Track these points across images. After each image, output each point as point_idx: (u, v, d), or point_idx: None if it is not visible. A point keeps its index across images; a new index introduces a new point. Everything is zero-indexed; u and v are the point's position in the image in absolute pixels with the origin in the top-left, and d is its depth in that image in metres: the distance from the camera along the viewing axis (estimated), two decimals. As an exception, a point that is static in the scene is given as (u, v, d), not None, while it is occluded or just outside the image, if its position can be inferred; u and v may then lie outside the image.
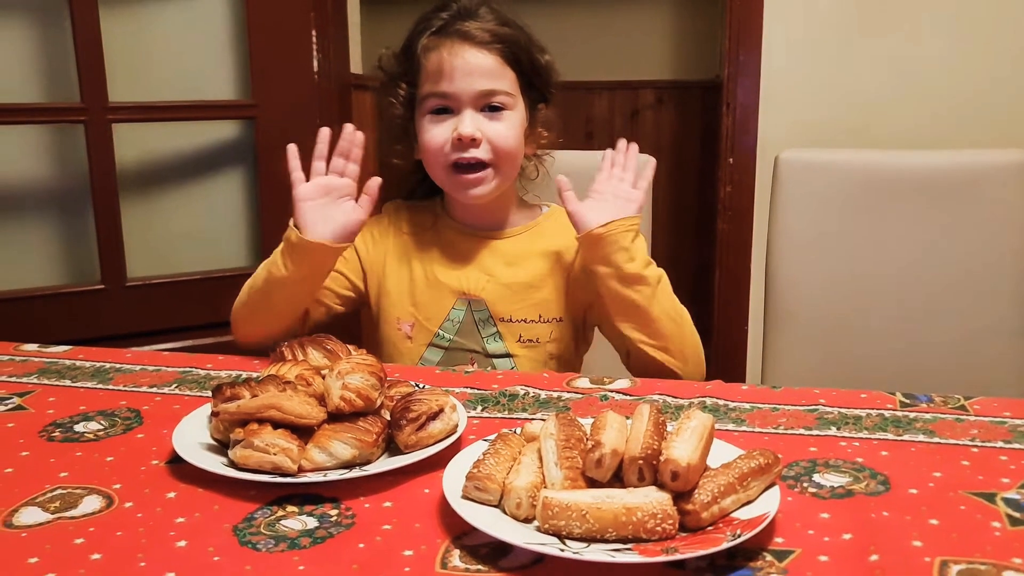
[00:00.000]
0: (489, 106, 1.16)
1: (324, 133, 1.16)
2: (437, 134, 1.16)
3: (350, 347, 0.92)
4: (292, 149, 1.14)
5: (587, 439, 0.71)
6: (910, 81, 2.17)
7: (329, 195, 1.13)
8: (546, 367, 1.20)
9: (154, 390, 1.00)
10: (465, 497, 0.68)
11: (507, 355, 1.20)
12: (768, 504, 0.66)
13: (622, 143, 1.20)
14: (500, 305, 1.20)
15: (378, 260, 1.26)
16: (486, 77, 1.15)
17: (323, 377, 0.82)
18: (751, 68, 2.22)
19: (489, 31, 1.16)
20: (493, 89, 1.16)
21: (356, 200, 1.14)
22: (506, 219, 1.26)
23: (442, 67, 1.15)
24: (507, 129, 1.17)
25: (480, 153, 1.15)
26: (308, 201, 1.13)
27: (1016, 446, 0.81)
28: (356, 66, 2.33)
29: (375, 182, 1.14)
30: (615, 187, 1.16)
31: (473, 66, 1.15)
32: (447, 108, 1.16)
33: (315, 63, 2.05)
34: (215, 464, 0.75)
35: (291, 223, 1.13)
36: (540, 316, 1.21)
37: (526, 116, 1.21)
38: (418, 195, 1.32)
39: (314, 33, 2.04)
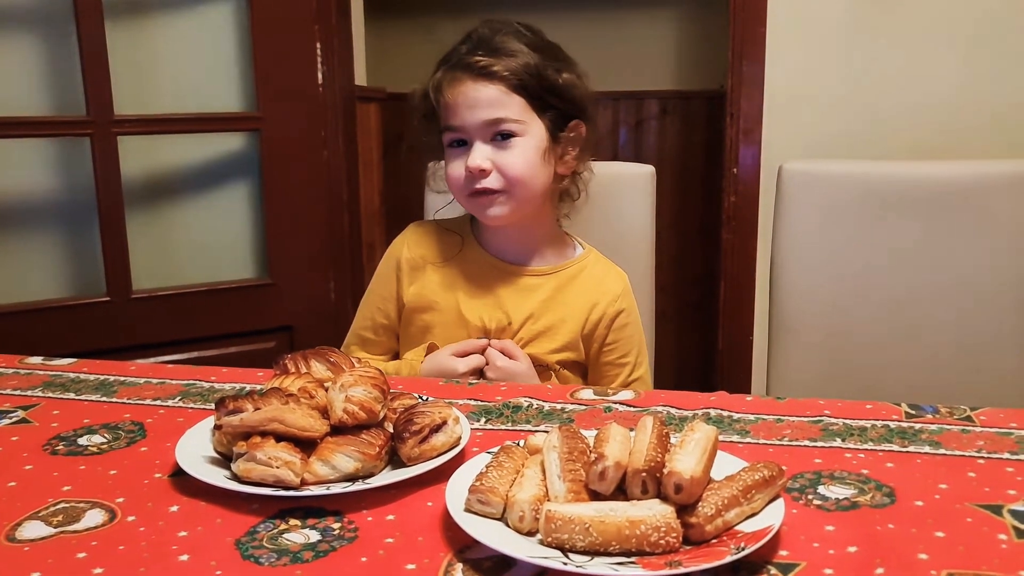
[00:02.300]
0: (499, 135, 1.18)
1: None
2: (454, 167, 1.20)
3: (353, 359, 0.92)
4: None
5: (590, 451, 0.71)
6: (914, 92, 2.17)
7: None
8: None
9: (158, 403, 1.00)
10: (468, 510, 0.68)
11: None
12: (772, 517, 0.66)
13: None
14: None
15: (408, 293, 1.28)
16: (489, 107, 1.17)
17: (326, 390, 0.82)
18: (755, 78, 2.22)
19: (489, 61, 1.17)
20: (498, 118, 1.17)
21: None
22: (536, 251, 1.27)
23: (448, 103, 1.19)
24: (516, 157, 1.18)
25: (491, 182, 1.18)
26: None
27: (1022, 458, 0.81)
28: (360, 78, 2.34)
29: None
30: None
31: (473, 99, 1.17)
32: (462, 140, 1.19)
33: (320, 75, 2.06)
34: (218, 477, 0.75)
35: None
36: (548, 365, 1.23)
37: (546, 138, 1.21)
38: None
39: (318, 45, 2.05)
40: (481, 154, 1.17)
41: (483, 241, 1.28)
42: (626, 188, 1.44)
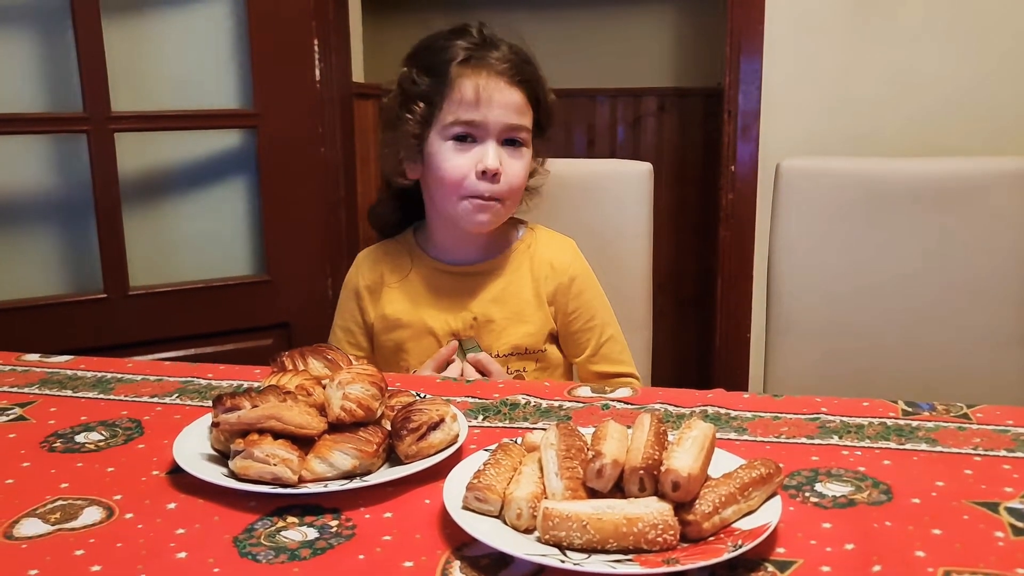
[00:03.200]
0: (510, 140, 1.19)
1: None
2: (459, 164, 1.18)
3: (351, 356, 0.92)
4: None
5: (588, 449, 0.71)
6: (911, 88, 2.17)
7: None
8: None
9: (155, 400, 0.99)
10: (466, 508, 0.68)
11: None
12: (770, 514, 0.66)
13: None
14: (488, 342, 1.23)
15: (374, 316, 1.29)
16: (515, 112, 1.19)
17: (323, 387, 0.82)
18: (752, 75, 2.22)
19: (519, 69, 1.20)
20: (519, 124, 1.19)
21: None
22: (489, 247, 1.28)
23: (477, 96, 1.17)
24: (521, 167, 1.21)
25: (498, 187, 1.18)
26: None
27: (1019, 455, 0.81)
28: (358, 75, 2.34)
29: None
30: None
31: (505, 100, 1.18)
32: (470, 136, 1.18)
33: (317, 72, 2.06)
34: (215, 475, 0.75)
35: None
36: (527, 349, 1.24)
37: (531, 152, 1.24)
38: (388, 223, 1.34)
39: (316, 42, 2.05)
40: (497, 155, 1.18)
41: (429, 250, 1.29)
42: (623, 186, 1.44)
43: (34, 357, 1.16)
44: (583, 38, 3.12)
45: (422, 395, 0.91)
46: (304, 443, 0.77)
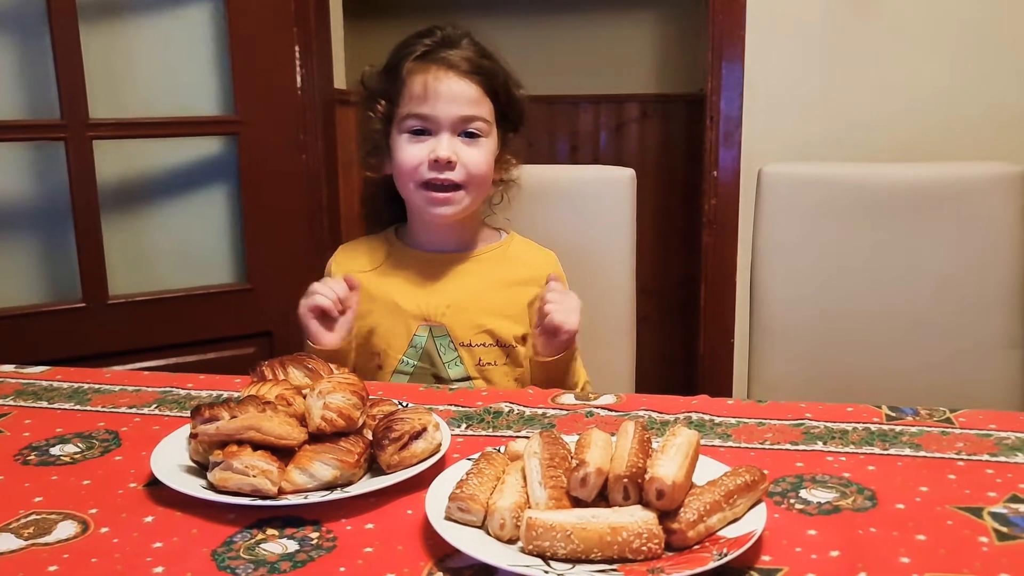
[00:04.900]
0: (466, 132, 1.22)
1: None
2: (413, 153, 1.21)
3: (331, 366, 0.91)
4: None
5: (571, 457, 0.70)
6: (894, 94, 2.18)
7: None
8: (504, 389, 1.22)
9: (133, 411, 0.98)
10: (448, 518, 0.68)
11: (467, 378, 1.23)
12: (755, 522, 0.65)
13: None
14: (460, 330, 1.23)
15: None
16: (466, 104, 1.21)
17: (304, 397, 0.81)
18: (734, 81, 2.23)
19: (472, 62, 1.22)
20: (472, 115, 1.21)
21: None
22: (467, 241, 1.30)
23: (426, 91, 1.20)
24: (480, 155, 1.22)
25: (454, 175, 1.20)
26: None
27: (1002, 459, 0.81)
28: (340, 81, 2.33)
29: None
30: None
31: (455, 93, 1.20)
32: (425, 130, 1.21)
33: (298, 78, 2.05)
34: (194, 487, 0.74)
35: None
36: (497, 341, 1.24)
37: (498, 144, 1.26)
38: (380, 217, 1.35)
39: (297, 48, 2.04)
40: (450, 146, 1.20)
41: (407, 240, 1.31)
42: (607, 192, 1.44)
43: (9, 368, 1.15)
44: (566, 45, 3.12)
45: (404, 404, 0.90)
46: (284, 454, 0.76)
